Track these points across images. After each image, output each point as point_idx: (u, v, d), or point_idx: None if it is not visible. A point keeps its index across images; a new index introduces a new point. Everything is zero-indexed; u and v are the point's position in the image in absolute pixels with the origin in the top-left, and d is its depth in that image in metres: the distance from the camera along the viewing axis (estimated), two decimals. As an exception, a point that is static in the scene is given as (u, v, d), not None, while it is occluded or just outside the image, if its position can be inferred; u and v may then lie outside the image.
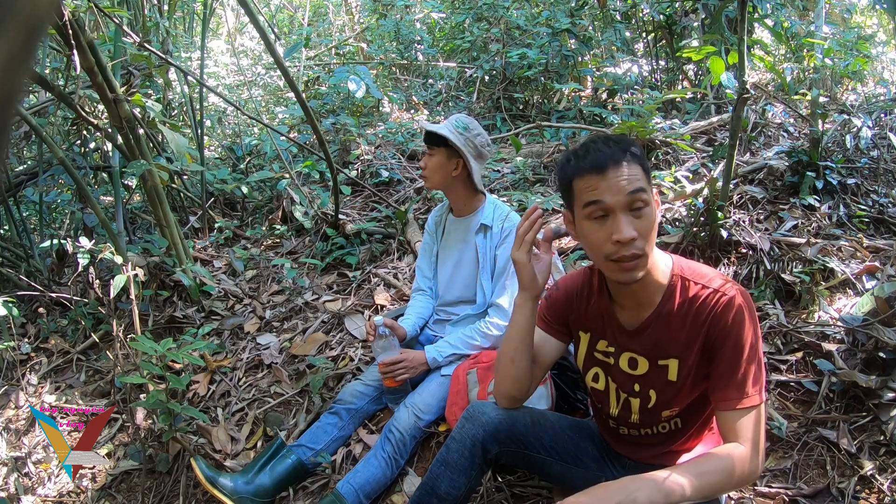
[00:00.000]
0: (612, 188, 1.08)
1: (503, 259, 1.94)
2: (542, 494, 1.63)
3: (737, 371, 1.12)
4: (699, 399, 1.23)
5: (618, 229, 1.07)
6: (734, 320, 1.12)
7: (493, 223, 1.98)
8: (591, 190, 1.10)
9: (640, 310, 1.23)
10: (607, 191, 1.08)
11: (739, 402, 1.11)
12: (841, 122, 3.00)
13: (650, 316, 1.21)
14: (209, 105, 5.36)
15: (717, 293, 1.15)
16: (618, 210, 1.08)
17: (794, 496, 1.48)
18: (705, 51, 2.43)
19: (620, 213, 1.08)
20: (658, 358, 1.21)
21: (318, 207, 3.32)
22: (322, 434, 1.95)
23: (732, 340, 1.12)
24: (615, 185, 1.08)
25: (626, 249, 1.08)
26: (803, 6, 4.58)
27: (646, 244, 1.10)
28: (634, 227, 1.08)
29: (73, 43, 2.20)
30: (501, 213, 2.00)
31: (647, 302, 1.21)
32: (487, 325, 1.92)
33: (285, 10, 7.18)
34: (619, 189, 1.07)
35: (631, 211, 1.09)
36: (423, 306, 2.18)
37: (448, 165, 1.96)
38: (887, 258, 2.19)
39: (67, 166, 2.71)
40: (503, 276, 1.94)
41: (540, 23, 4.46)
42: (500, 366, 1.35)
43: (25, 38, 0.27)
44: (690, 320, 1.16)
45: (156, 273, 2.87)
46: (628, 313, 1.25)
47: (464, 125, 1.96)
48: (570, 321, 1.37)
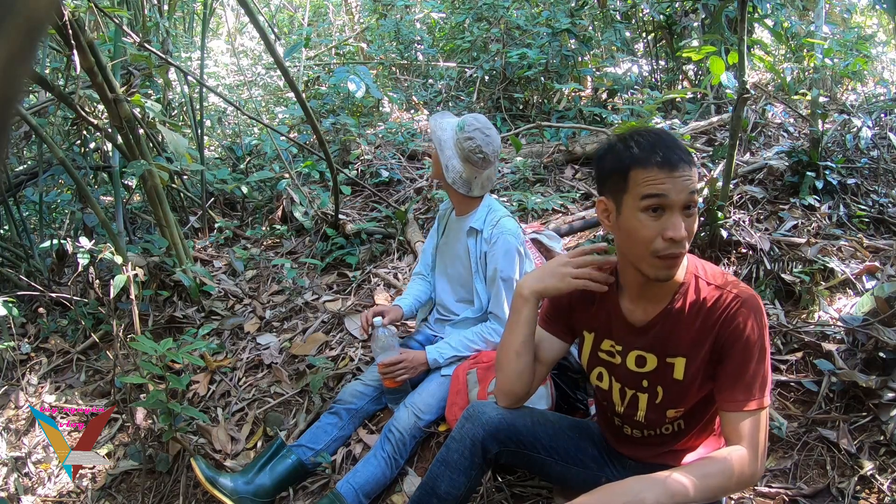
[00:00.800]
0: (678, 186, 1.09)
1: (490, 267, 1.91)
2: (542, 494, 1.63)
3: (745, 373, 1.12)
4: (704, 400, 1.23)
5: (674, 226, 1.09)
6: (745, 323, 1.13)
7: (484, 228, 1.93)
8: (657, 183, 1.10)
9: (650, 307, 1.23)
10: (673, 188, 1.09)
11: (745, 404, 1.11)
12: (841, 122, 3.00)
13: (660, 313, 1.21)
14: (209, 105, 5.36)
15: (731, 295, 1.15)
16: (676, 208, 1.10)
17: (794, 496, 1.48)
18: (705, 51, 2.43)
19: (679, 211, 1.10)
20: (666, 355, 1.22)
21: (318, 207, 3.32)
22: (322, 434, 1.95)
23: (742, 343, 1.12)
24: (681, 183, 1.09)
25: (677, 248, 1.10)
26: (803, 6, 4.58)
27: (687, 246, 1.13)
28: (686, 228, 1.10)
29: (73, 43, 2.20)
30: (493, 219, 1.94)
31: (659, 299, 1.22)
32: (490, 332, 1.92)
33: (285, 10, 7.18)
34: (683, 188, 1.09)
35: (684, 210, 1.11)
36: (421, 289, 2.18)
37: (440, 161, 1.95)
38: (887, 258, 2.19)
39: (67, 166, 2.71)
40: (494, 286, 1.91)
41: (540, 23, 4.45)
42: (504, 361, 1.35)
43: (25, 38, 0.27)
44: (701, 320, 1.16)
45: (156, 273, 2.87)
46: (638, 310, 1.25)
47: (461, 125, 1.92)
48: (574, 321, 1.37)
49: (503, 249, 1.88)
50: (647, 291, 1.22)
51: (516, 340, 1.32)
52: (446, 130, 1.93)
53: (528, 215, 3.03)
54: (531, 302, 1.31)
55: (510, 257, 1.88)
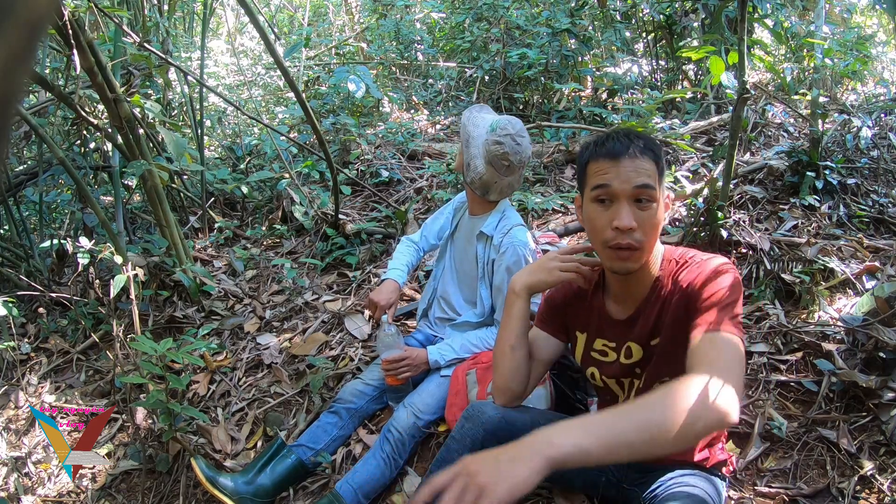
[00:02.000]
0: (622, 176, 1.11)
1: (498, 276, 1.86)
2: (542, 494, 1.63)
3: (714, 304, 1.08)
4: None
5: (619, 216, 1.11)
6: (713, 272, 1.13)
7: (494, 234, 1.89)
8: (602, 174, 1.13)
9: (630, 302, 1.26)
10: (616, 177, 1.12)
11: (716, 326, 1.03)
12: (841, 122, 3.00)
13: (640, 305, 1.24)
14: (209, 105, 5.36)
15: (701, 260, 1.17)
16: (623, 198, 1.11)
17: (794, 496, 1.48)
18: (705, 51, 2.43)
19: (625, 201, 1.11)
20: (651, 339, 1.23)
21: (318, 207, 3.32)
22: (322, 434, 1.95)
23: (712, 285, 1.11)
24: (625, 173, 1.11)
25: (623, 238, 1.11)
26: (803, 6, 4.58)
27: (644, 239, 1.12)
28: (636, 219, 1.11)
29: (73, 43, 2.20)
30: (504, 226, 1.88)
31: (638, 295, 1.24)
32: (491, 338, 1.91)
33: (285, 10, 7.18)
34: (628, 178, 1.11)
35: (636, 203, 1.12)
36: (411, 253, 2.18)
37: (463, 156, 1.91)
38: (887, 258, 2.19)
39: (67, 166, 2.71)
40: (501, 294, 1.86)
41: (540, 23, 4.45)
42: (499, 357, 1.36)
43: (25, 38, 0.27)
44: (678, 297, 1.17)
45: (156, 273, 2.87)
46: (620, 307, 1.27)
47: (494, 125, 1.82)
48: (568, 321, 1.38)
49: (512, 259, 1.83)
50: (626, 288, 1.25)
51: (511, 335, 1.34)
52: (479, 127, 1.86)
53: (528, 215, 3.03)
54: (523, 297, 1.33)
55: (518, 268, 1.81)
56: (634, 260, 1.14)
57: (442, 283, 2.15)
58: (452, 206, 2.19)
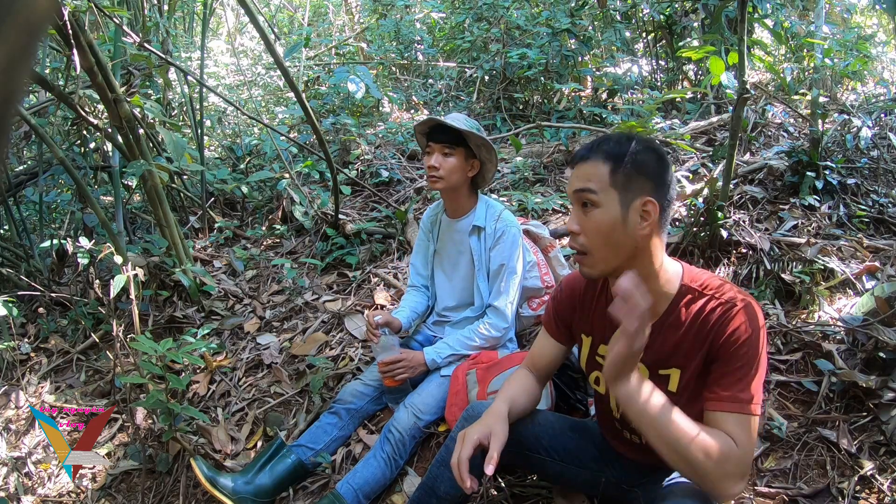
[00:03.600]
0: (572, 181, 1.15)
1: (497, 262, 1.93)
2: (541, 494, 1.63)
3: (732, 373, 1.06)
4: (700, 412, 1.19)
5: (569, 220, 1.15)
6: (738, 327, 1.07)
7: (486, 224, 1.96)
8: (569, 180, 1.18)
9: None
10: (570, 183, 1.16)
11: (730, 405, 1.04)
12: (841, 122, 3.00)
13: (653, 325, 1.16)
14: (209, 105, 5.36)
15: (727, 304, 1.10)
16: (573, 202, 1.15)
17: (794, 496, 1.48)
18: (705, 51, 2.43)
19: (575, 205, 1.15)
20: (659, 367, 1.18)
21: (318, 207, 3.32)
22: (322, 434, 1.95)
23: (732, 344, 1.07)
24: (573, 178, 1.15)
25: (572, 241, 1.15)
26: (803, 6, 4.58)
27: (589, 244, 1.12)
28: (579, 223, 1.13)
29: (73, 43, 2.20)
30: (493, 213, 1.97)
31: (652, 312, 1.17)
32: (486, 328, 1.92)
33: (285, 10, 7.17)
34: (573, 182, 1.14)
35: (582, 207, 1.13)
36: (418, 301, 2.18)
37: (465, 166, 1.92)
38: (887, 258, 2.19)
39: (67, 166, 2.71)
40: (498, 279, 1.93)
41: (540, 23, 4.45)
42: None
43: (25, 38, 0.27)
44: (695, 331, 1.12)
45: (156, 273, 2.87)
46: None
47: (475, 125, 1.94)
48: (574, 324, 1.37)
49: (510, 241, 1.93)
50: None
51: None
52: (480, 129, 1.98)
53: (528, 215, 3.03)
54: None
55: (515, 248, 1.93)
56: (586, 265, 1.14)
57: (439, 301, 2.17)
58: (423, 229, 2.20)
